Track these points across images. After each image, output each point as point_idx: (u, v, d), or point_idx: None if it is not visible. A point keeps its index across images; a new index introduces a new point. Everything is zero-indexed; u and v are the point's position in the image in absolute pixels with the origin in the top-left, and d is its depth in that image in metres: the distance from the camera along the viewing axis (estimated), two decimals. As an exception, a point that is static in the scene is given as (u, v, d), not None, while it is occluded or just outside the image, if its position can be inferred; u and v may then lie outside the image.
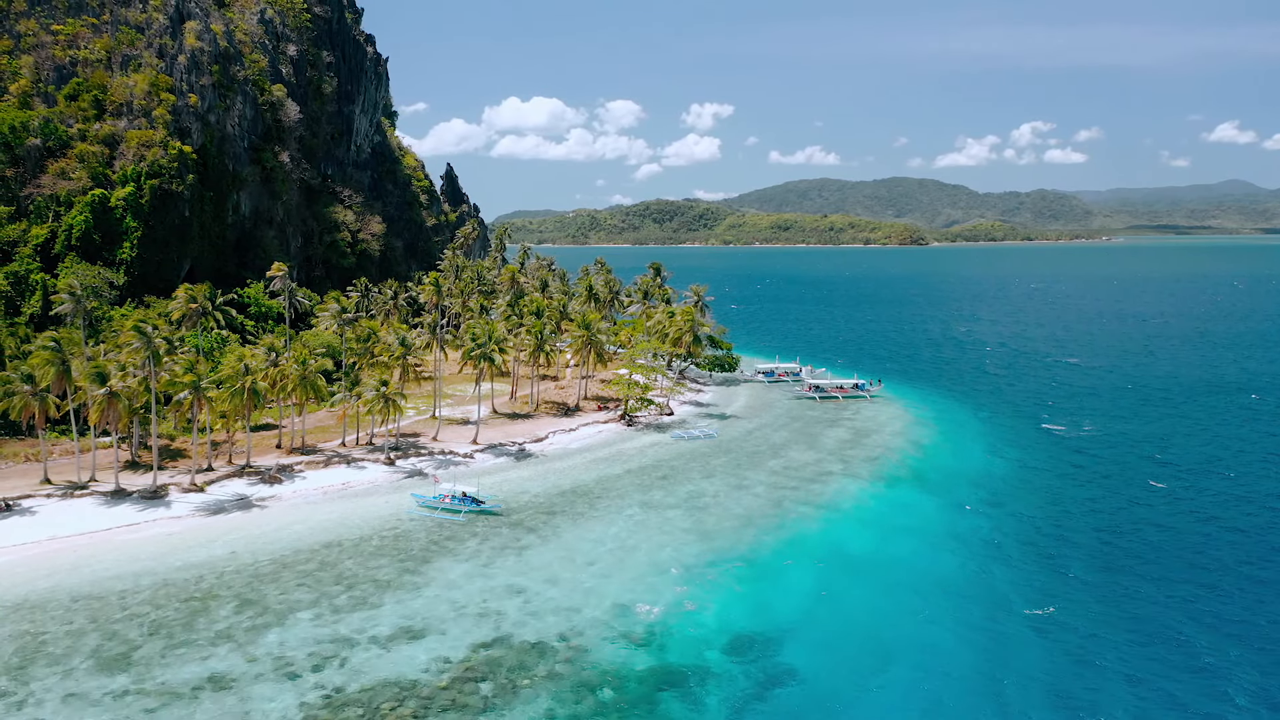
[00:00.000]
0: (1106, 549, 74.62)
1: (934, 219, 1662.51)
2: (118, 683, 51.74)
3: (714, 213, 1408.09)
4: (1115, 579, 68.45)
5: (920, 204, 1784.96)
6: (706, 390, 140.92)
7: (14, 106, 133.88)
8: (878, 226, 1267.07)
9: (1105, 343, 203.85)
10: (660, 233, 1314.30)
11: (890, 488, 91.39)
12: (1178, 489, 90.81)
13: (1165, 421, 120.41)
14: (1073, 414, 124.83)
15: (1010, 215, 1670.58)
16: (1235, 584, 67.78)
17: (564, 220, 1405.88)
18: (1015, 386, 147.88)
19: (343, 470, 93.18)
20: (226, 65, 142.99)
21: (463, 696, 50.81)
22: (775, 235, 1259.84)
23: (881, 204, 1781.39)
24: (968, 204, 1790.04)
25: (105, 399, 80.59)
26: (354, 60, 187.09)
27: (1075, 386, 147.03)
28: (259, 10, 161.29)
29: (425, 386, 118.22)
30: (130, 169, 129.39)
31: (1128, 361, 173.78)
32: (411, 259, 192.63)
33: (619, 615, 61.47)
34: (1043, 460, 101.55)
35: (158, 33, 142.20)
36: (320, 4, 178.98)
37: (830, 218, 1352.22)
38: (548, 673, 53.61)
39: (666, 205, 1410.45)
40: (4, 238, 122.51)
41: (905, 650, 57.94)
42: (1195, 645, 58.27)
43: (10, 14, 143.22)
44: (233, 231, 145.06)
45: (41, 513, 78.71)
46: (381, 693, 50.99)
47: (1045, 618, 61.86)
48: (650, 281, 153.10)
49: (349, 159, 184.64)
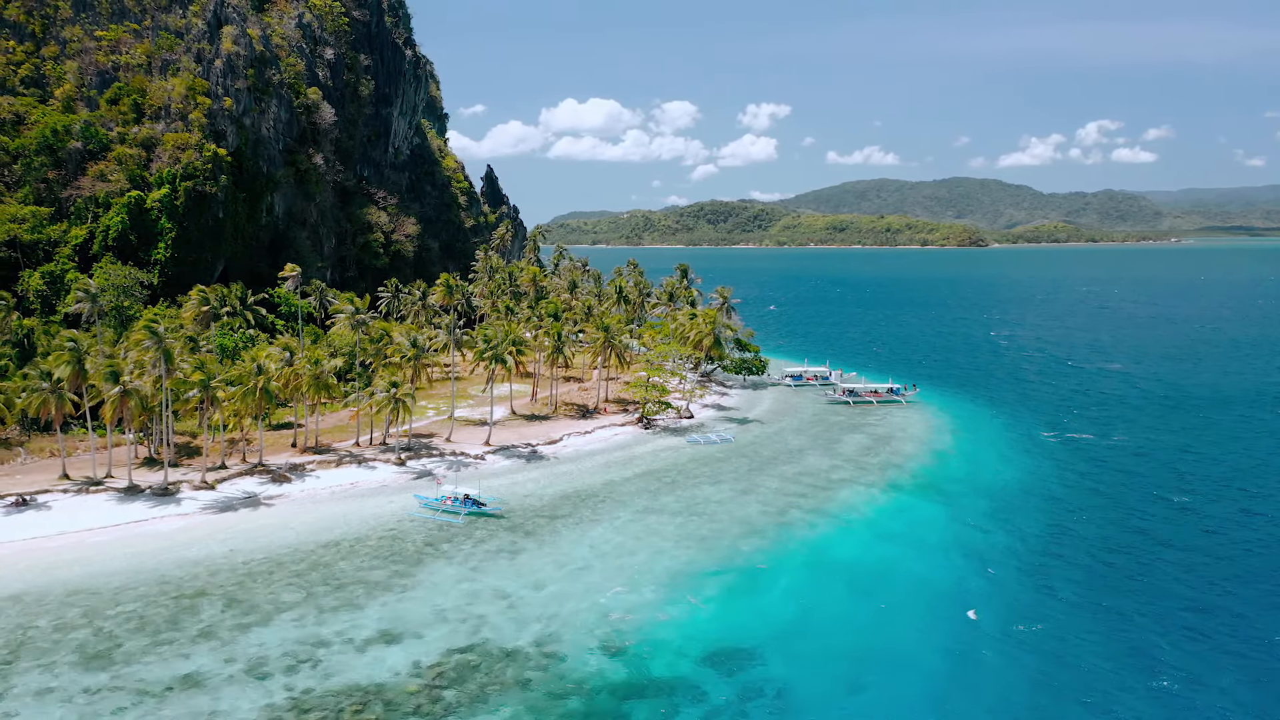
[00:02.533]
0: (1107, 569, 71.31)
1: (995, 220, 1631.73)
2: (95, 679, 52.44)
3: (769, 213, 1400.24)
4: (1111, 601, 65.44)
5: (981, 205, 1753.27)
6: (731, 393, 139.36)
7: (58, 110, 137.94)
8: (935, 228, 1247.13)
9: (1151, 349, 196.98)
10: (714, 234, 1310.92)
11: (902, 497, 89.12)
12: (1196, 504, 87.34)
13: (1193, 433, 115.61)
14: (1103, 423, 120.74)
15: (1075, 216, 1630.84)
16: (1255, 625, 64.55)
17: (618, 221, 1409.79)
18: (1049, 394, 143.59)
19: (353, 470, 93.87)
20: (262, 69, 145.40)
21: (428, 703, 50.51)
22: (830, 236, 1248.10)
23: (941, 205, 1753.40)
24: (1031, 205, 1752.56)
25: (118, 397, 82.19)
26: (392, 63, 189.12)
27: (1111, 395, 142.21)
28: (297, 15, 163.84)
29: (446, 387, 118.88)
30: (166, 171, 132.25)
31: (1170, 369, 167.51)
32: (449, 260, 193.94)
33: (600, 623, 60.69)
34: (1063, 472, 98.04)
35: (196, 38, 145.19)
36: (359, 8, 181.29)
37: (887, 219, 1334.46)
38: (517, 680, 53.07)
39: (721, 206, 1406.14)
40: (44, 238, 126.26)
41: (890, 668, 56.19)
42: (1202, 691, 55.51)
43: (57, 21, 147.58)
44: (266, 232, 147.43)
45: (56, 508, 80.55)
46: (348, 696, 50.93)
47: (1042, 642, 59.51)
48: (676, 283, 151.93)
49: (386, 160, 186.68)
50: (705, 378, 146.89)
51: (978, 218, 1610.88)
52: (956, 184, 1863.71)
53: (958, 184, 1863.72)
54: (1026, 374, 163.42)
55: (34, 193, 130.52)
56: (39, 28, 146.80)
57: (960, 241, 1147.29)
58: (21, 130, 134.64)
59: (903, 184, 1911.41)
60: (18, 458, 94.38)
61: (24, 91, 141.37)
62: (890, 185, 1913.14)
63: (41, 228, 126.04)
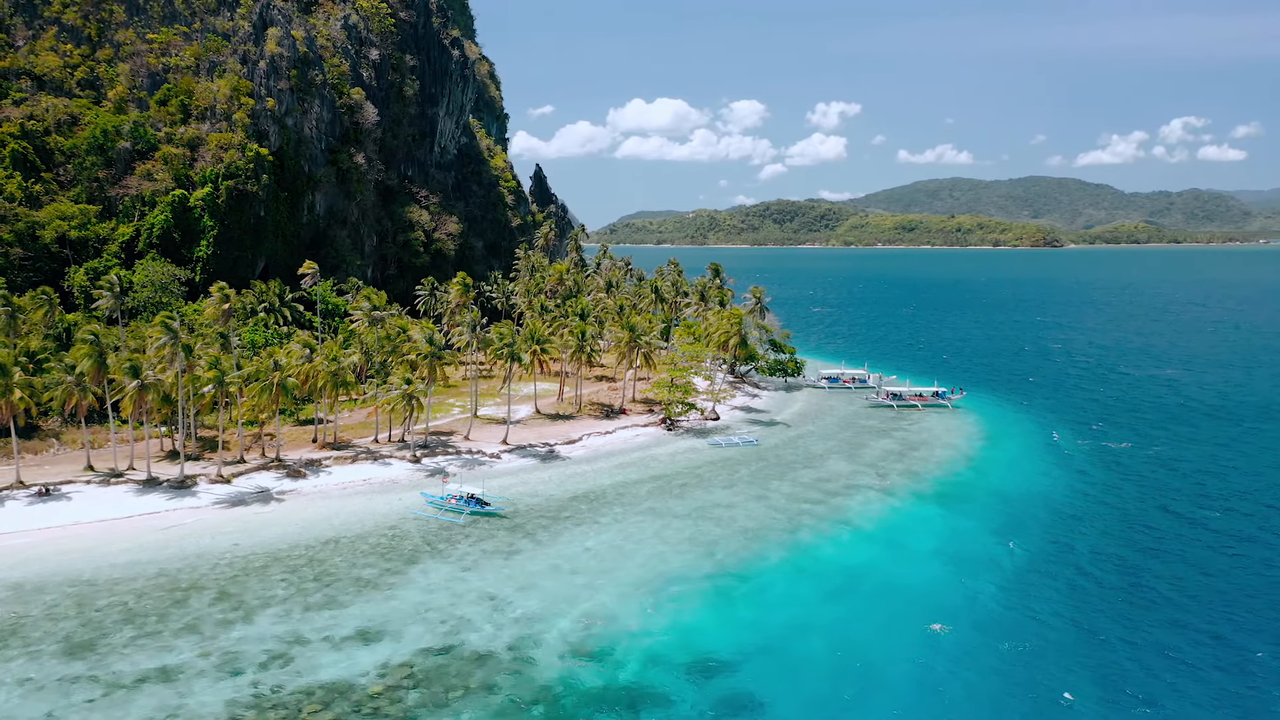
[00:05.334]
0: (1097, 587, 67.85)
1: (1074, 220, 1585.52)
2: (73, 669, 53.24)
3: (836, 213, 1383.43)
4: (1092, 621, 62.08)
5: (1059, 204, 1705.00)
6: (763, 395, 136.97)
7: (110, 111, 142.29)
8: (1008, 228, 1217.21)
9: (1211, 356, 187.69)
10: (780, 233, 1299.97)
11: (920, 506, 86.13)
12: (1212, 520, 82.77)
13: (1236, 446, 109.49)
14: (1145, 433, 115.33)
15: (1159, 216, 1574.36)
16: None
17: (683, 221, 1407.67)
18: (1091, 400, 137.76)
19: (368, 466, 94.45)
20: (305, 70, 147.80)
21: (388, 704, 50.06)
22: (899, 236, 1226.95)
23: (1017, 204, 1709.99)
24: (1112, 204, 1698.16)
25: (136, 391, 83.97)
26: (439, 64, 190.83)
27: (1158, 403, 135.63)
28: (343, 16, 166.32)
29: (480, 385, 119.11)
30: (209, 170, 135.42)
31: (1223, 377, 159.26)
32: (493, 258, 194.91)
33: (581, 628, 59.64)
34: (1087, 483, 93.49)
35: (242, 39, 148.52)
36: (406, 9, 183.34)
37: (958, 218, 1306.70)
38: (483, 684, 52.30)
39: (787, 205, 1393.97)
40: (92, 235, 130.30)
41: (877, 686, 53.96)
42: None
43: (112, 24, 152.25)
44: (307, 230, 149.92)
45: (76, 498, 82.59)
46: (311, 695, 50.76)
47: (1004, 661, 56.69)
48: (707, 283, 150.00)
49: (431, 160, 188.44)
50: (739, 379, 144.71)
51: (1055, 217, 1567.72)
52: (1033, 183, 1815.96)
53: (1034, 183, 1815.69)
54: (1072, 379, 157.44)
55: (86, 191, 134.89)
56: (95, 31, 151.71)
57: (1033, 242, 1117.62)
58: (75, 131, 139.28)
59: (976, 183, 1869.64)
60: (51, 448, 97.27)
61: (80, 93, 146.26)
62: (964, 184, 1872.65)
63: (89, 225, 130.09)
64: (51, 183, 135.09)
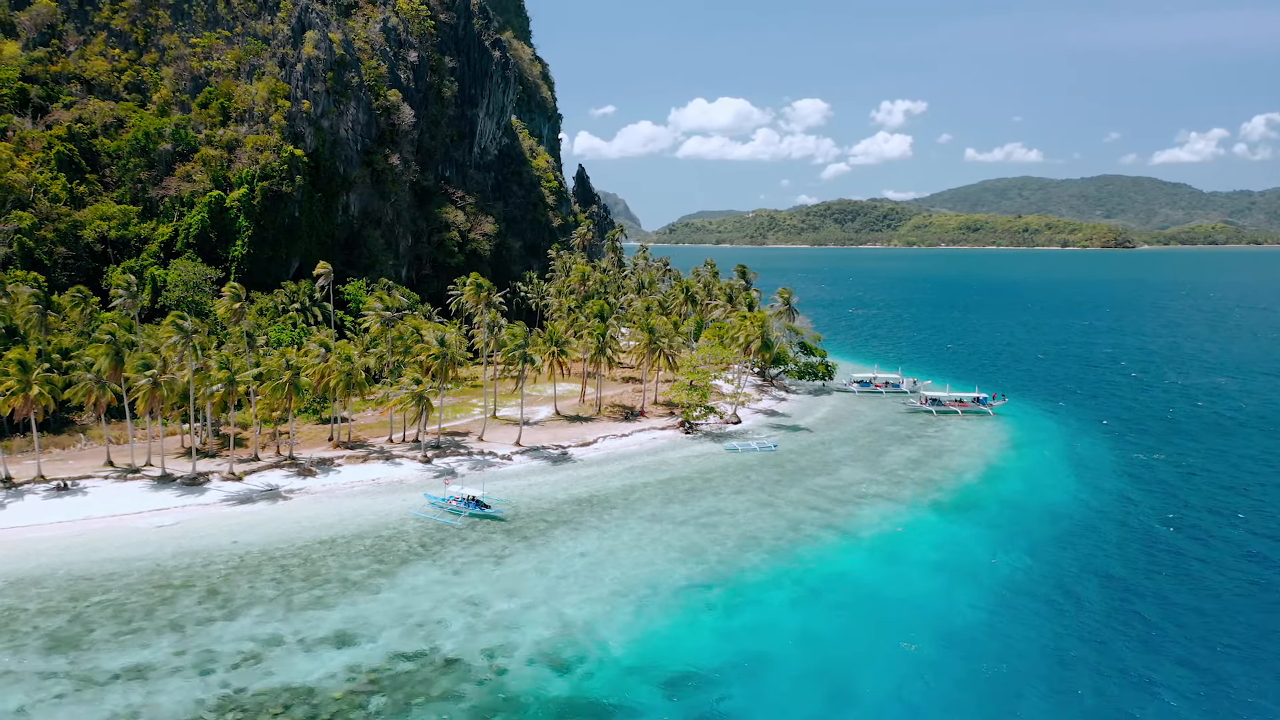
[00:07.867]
0: (1079, 609, 64.74)
1: (1149, 220, 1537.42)
2: (53, 664, 54.16)
3: (899, 213, 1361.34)
4: (1093, 652, 59.10)
5: (1134, 204, 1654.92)
6: (790, 398, 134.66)
7: (154, 114, 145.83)
8: (1077, 228, 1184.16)
9: (1264, 364, 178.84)
10: (841, 233, 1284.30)
11: (930, 517, 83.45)
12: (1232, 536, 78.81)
13: (1268, 459, 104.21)
14: (1181, 444, 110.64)
15: (1240, 216, 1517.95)
16: None
17: (743, 221, 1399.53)
18: (1134, 409, 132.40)
19: (378, 466, 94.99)
20: (341, 72, 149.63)
21: (349, 708, 49.86)
22: (963, 236, 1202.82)
23: (1089, 203, 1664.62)
24: (1190, 204, 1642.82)
25: (148, 388, 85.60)
26: (479, 65, 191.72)
27: (1199, 413, 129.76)
28: (382, 19, 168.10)
29: (502, 385, 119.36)
30: (245, 171, 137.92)
31: (1271, 385, 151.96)
32: (532, 259, 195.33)
33: (559, 636, 58.83)
34: (1106, 498, 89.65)
35: (281, 43, 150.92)
36: (446, 10, 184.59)
37: (1025, 218, 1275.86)
38: (447, 692, 51.82)
39: (849, 205, 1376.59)
40: (132, 235, 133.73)
41: (845, 700, 52.15)
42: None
43: (158, 29, 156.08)
44: (341, 231, 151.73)
45: (92, 493, 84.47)
46: (275, 697, 50.83)
47: (979, 682, 54.35)
48: (734, 284, 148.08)
49: (470, 161, 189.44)
50: (768, 382, 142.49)
51: (1129, 217, 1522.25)
52: (1106, 182, 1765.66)
53: (1108, 182, 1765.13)
54: (1113, 386, 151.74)
55: (129, 192, 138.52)
56: (141, 36, 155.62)
57: (1104, 243, 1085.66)
58: (121, 134, 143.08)
59: (1046, 182, 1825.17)
60: (79, 443, 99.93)
61: (126, 97, 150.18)
62: (1033, 183, 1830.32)
63: (130, 225, 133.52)
64: (96, 184, 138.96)
